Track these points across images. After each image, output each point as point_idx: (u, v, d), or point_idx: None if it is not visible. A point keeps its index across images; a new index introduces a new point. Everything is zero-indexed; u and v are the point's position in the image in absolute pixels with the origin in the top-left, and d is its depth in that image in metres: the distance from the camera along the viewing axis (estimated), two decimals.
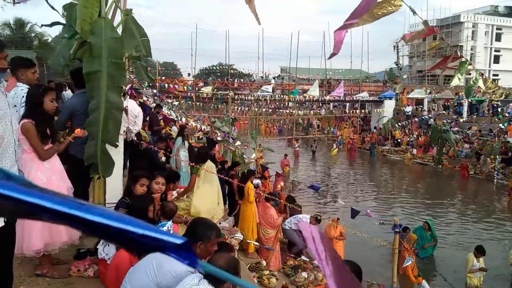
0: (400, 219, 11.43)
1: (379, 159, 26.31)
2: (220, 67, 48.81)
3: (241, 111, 34.81)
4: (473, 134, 23.95)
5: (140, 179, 4.03)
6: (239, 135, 20.59)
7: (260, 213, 7.64)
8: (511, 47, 53.82)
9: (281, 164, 20.70)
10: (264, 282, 6.33)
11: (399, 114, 32.18)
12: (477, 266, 7.91)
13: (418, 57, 54.38)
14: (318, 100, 30.17)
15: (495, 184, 17.60)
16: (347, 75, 42.40)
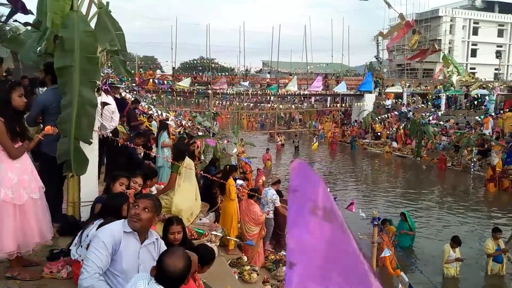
0: (380, 211, 11.60)
1: (360, 152, 26.62)
2: (201, 61, 48.39)
3: (223, 106, 34.72)
4: (450, 127, 24.45)
5: (120, 178, 3.95)
6: (220, 130, 20.52)
7: (243, 210, 7.60)
8: (488, 41, 55.10)
9: (263, 158, 20.72)
10: (245, 277, 6.32)
11: (379, 107, 32.59)
12: (453, 257, 8.08)
13: (397, 51, 55.05)
14: (298, 95, 30.22)
15: (472, 176, 18.03)
16: (328, 69, 42.61)
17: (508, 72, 55.96)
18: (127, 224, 2.75)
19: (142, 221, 2.72)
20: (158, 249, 2.89)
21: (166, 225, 3.92)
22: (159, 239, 3.01)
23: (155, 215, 2.83)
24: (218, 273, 5.99)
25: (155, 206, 2.81)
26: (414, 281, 5.57)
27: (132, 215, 2.74)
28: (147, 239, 2.83)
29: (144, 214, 2.72)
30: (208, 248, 3.85)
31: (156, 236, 2.98)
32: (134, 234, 2.74)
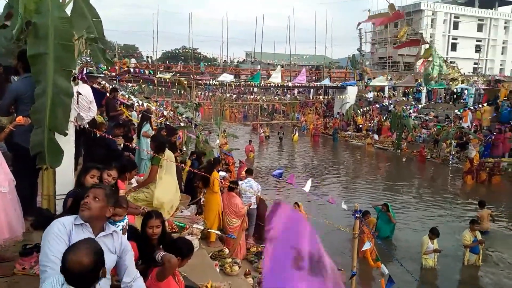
0: (361, 202, 11.72)
1: (342, 144, 26.85)
2: (184, 50, 47.76)
3: (205, 96, 34.36)
4: (430, 120, 24.86)
5: (91, 170, 3.81)
6: (203, 121, 20.34)
7: (225, 202, 7.54)
8: (468, 35, 56.10)
9: (246, 150, 20.67)
10: (226, 270, 6.28)
11: (361, 100, 32.87)
12: (432, 248, 8.22)
13: (380, 44, 55.51)
14: (281, 86, 30.18)
15: (450, 168, 18.40)
16: (311, 60, 42.65)
17: (487, 67, 57.14)
18: (79, 217, 2.63)
19: (91, 210, 2.59)
20: (119, 242, 2.78)
21: (145, 219, 3.82)
22: (119, 232, 2.88)
23: (107, 205, 2.68)
24: (199, 266, 5.93)
25: (106, 196, 2.67)
26: (394, 273, 5.63)
27: (82, 205, 2.62)
28: (104, 231, 2.70)
29: (93, 203, 2.60)
30: (186, 241, 3.77)
31: (115, 228, 2.84)
32: (86, 226, 2.59)
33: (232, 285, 5.55)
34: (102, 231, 2.69)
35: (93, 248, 2.13)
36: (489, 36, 57.66)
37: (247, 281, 6.17)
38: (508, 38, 59.05)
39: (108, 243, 2.71)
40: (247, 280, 6.22)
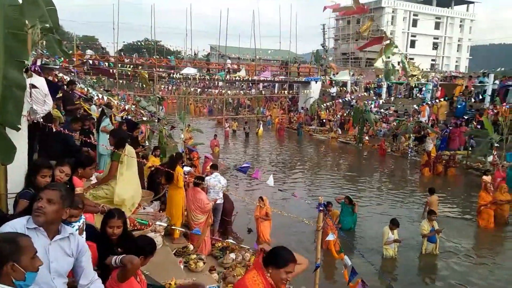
0: (325, 195, 11.92)
1: (306, 138, 27.21)
2: (146, 43, 46.61)
3: (169, 90, 33.70)
4: (390, 115, 25.63)
5: (41, 170, 3.61)
6: (166, 115, 19.94)
7: (190, 198, 7.43)
8: (426, 33, 58.29)
9: (211, 144, 20.51)
10: (191, 266, 6.20)
11: (324, 95, 33.40)
12: (392, 238, 8.49)
13: (342, 40, 56.58)
14: (246, 80, 30.12)
15: (409, 161, 19.09)
16: (276, 55, 42.83)
17: (443, 63, 59.63)
18: (31, 220, 2.45)
19: (46, 215, 2.43)
20: (76, 244, 2.65)
21: (106, 218, 3.68)
22: (76, 234, 2.75)
23: (63, 208, 2.53)
24: (163, 264, 5.83)
25: (61, 198, 2.51)
26: (356, 263, 5.77)
27: (35, 209, 2.44)
28: (59, 234, 2.56)
29: (48, 207, 2.43)
30: (148, 239, 3.67)
31: (72, 230, 2.71)
32: (39, 230, 2.44)
33: (196, 281, 5.49)
34: (57, 233, 2.55)
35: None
36: (445, 34, 60.14)
37: (212, 276, 6.13)
38: (463, 36, 61.87)
39: (65, 246, 2.58)
40: (212, 275, 6.18)
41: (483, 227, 10.41)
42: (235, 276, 6.23)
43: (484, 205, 10.48)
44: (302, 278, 5.73)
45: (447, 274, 8.00)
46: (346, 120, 27.97)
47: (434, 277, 7.96)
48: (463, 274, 7.99)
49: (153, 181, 8.55)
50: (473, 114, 20.65)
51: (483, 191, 10.71)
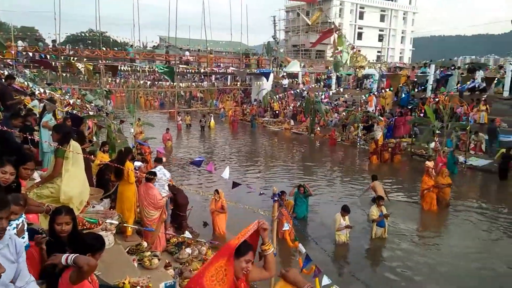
0: (279, 185, 12.07)
1: (260, 130, 27.42)
2: (91, 34, 44.51)
3: (117, 83, 32.44)
4: (340, 105, 26.40)
5: None
6: (115, 109, 19.23)
7: (142, 194, 7.21)
8: (371, 25, 60.42)
9: (163, 138, 20.10)
10: (145, 264, 6.05)
11: (277, 86, 33.72)
12: (344, 224, 8.79)
13: (293, 32, 57.28)
14: (198, 72, 29.70)
15: (358, 149, 19.80)
16: (227, 47, 42.57)
17: (389, 55, 62.18)
18: None
19: None
20: (14, 246, 2.49)
21: (53, 215, 3.48)
22: (13, 237, 2.58)
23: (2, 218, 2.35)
24: (116, 263, 5.65)
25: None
26: (310, 251, 5.92)
27: None
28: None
29: None
30: (94, 235, 3.52)
31: (9, 235, 2.54)
32: None
33: (152, 278, 5.37)
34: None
35: None
36: (390, 26, 62.66)
37: (168, 273, 6.02)
38: (406, 28, 64.80)
39: (7, 253, 2.42)
40: (168, 272, 6.07)
41: (427, 210, 11.04)
42: (191, 271, 6.17)
43: (427, 189, 11.11)
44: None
45: (395, 255, 8.41)
46: (298, 111, 28.45)
47: (384, 259, 8.34)
48: (410, 254, 8.45)
49: (102, 178, 8.23)
50: (416, 103, 21.75)
51: (426, 176, 11.33)
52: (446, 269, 7.79)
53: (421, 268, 7.80)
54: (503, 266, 8.00)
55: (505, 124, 17.94)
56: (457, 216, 10.80)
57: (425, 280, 7.37)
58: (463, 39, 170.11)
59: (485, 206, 11.66)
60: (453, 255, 8.45)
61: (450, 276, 7.53)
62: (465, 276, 7.55)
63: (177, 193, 8.60)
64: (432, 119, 16.13)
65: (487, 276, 7.58)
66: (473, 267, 7.91)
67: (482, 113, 18.34)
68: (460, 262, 8.11)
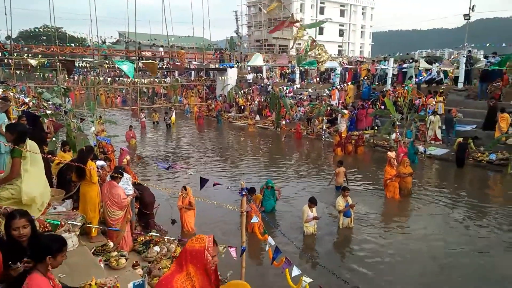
0: (247, 180, 12.08)
1: (226, 125, 27.31)
2: (45, 29, 42.57)
3: (75, 80, 31.23)
4: (304, 99, 26.74)
5: None
6: (74, 107, 18.51)
7: (105, 193, 6.98)
8: (332, 20, 61.46)
9: (126, 136, 19.62)
10: (112, 264, 5.89)
11: (241, 81, 33.69)
12: (311, 216, 8.91)
13: (255, 27, 57.32)
14: (160, 68, 29.12)
15: (323, 142, 20.15)
16: (189, 42, 42.00)
17: (349, 49, 63.56)
18: None
19: None
20: None
21: (8, 220, 3.30)
22: None
23: None
24: (81, 264, 5.49)
25: None
26: (280, 243, 5.97)
27: None
28: None
29: None
30: (54, 236, 3.37)
31: None
32: None
33: (120, 278, 5.24)
34: None
35: None
36: (350, 21, 64.03)
37: (136, 272, 5.89)
38: (365, 23, 66.43)
39: None
40: (136, 271, 5.94)
41: (390, 199, 11.42)
42: (160, 269, 6.07)
43: (390, 178, 11.48)
44: (229, 263, 5.77)
45: (362, 244, 8.63)
46: (263, 106, 28.55)
47: (351, 248, 8.54)
48: (376, 242, 8.70)
49: (63, 179, 7.92)
50: (377, 96, 22.39)
51: (388, 166, 11.70)
52: (410, 254, 8.10)
53: (387, 255, 8.06)
54: (461, 245, 8.46)
55: (461, 114, 18.84)
56: (419, 203, 11.24)
57: (391, 266, 7.62)
58: (420, 33, 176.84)
59: (445, 192, 12.21)
60: (417, 239, 8.80)
61: (414, 260, 7.83)
62: (429, 259, 7.88)
63: (143, 191, 8.42)
64: (393, 111, 16.65)
65: (449, 257, 7.97)
66: (436, 250, 8.27)
67: (440, 104, 19.14)
68: (423, 246, 8.45)
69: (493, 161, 14.92)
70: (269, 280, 6.87)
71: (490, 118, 17.04)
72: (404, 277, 7.21)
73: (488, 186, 13.65)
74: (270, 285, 6.75)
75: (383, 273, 7.37)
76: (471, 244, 8.61)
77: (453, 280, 7.14)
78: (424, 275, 7.29)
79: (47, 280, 2.93)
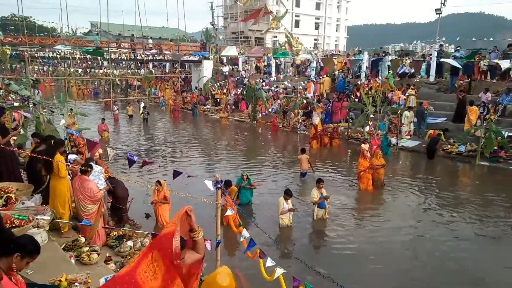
0: (223, 173, 12.04)
1: (202, 118, 27.08)
2: (13, 18, 40.94)
3: (45, 72, 30.20)
4: (280, 92, 26.79)
5: None
6: (43, 99, 17.92)
7: (76, 187, 6.81)
8: (308, 13, 61.72)
9: (99, 129, 19.19)
10: (84, 259, 5.78)
11: (217, 74, 33.42)
12: (287, 208, 8.99)
13: (231, 19, 56.88)
14: (134, 59, 28.54)
15: (299, 135, 20.28)
16: (163, 33, 41.28)
17: (325, 42, 64.01)
18: None
19: None
20: None
21: None
22: None
23: None
24: (51, 260, 5.35)
25: None
26: (255, 235, 5.98)
27: None
28: None
29: None
30: (34, 240, 3.25)
31: None
32: None
33: (91, 273, 5.15)
34: None
35: None
36: (325, 14, 64.39)
37: (109, 267, 5.80)
38: (340, 16, 66.99)
39: None
40: (109, 266, 5.85)
41: (364, 190, 11.63)
42: None
43: (363, 170, 11.68)
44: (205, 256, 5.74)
45: (336, 234, 8.78)
46: (240, 98, 28.45)
47: (325, 239, 8.67)
48: (350, 232, 8.86)
49: (33, 172, 7.67)
50: (351, 89, 22.66)
51: (362, 158, 11.90)
52: (384, 244, 8.28)
53: (361, 245, 8.22)
54: (433, 233, 8.75)
55: (432, 107, 19.32)
56: (392, 194, 11.50)
57: (365, 256, 7.77)
58: (394, 27, 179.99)
59: (417, 183, 12.54)
60: (390, 229, 9.01)
61: (388, 250, 8.02)
62: (402, 247, 8.09)
63: (116, 185, 8.27)
64: (367, 104, 16.90)
65: (422, 245, 8.24)
66: (409, 239, 8.51)
67: (411, 97, 19.55)
68: (396, 235, 8.68)
69: (462, 152, 15.42)
70: (244, 273, 6.89)
71: (460, 111, 17.56)
72: (378, 267, 7.37)
73: (458, 177, 14.11)
74: (245, 278, 6.77)
75: (357, 263, 7.52)
76: (442, 231, 8.90)
77: (427, 267, 7.37)
78: (397, 263, 7.49)
79: (6, 277, 2.83)
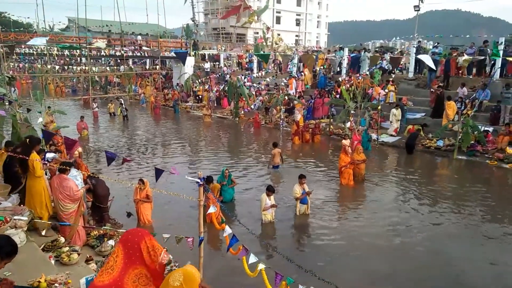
0: (205, 170, 12.00)
1: (183, 115, 26.88)
2: None
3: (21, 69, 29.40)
4: (262, 89, 26.81)
5: None
6: (20, 97, 17.47)
7: (55, 187, 6.68)
8: (289, 10, 61.88)
9: (78, 127, 18.85)
10: (64, 260, 5.68)
11: (199, 70, 33.20)
12: (269, 204, 9.02)
13: (212, 15, 56.53)
14: (113, 56, 28.07)
15: (281, 131, 20.35)
16: (143, 29, 40.73)
17: (306, 39, 64.29)
18: None
19: None
20: None
21: None
22: None
23: None
24: (29, 261, 5.26)
25: None
26: (238, 231, 5.99)
27: None
28: None
29: None
30: (11, 241, 3.19)
31: None
32: None
33: (72, 274, 5.07)
34: None
35: None
36: (306, 11, 64.68)
37: (90, 267, 5.72)
38: (321, 13, 67.39)
39: None
40: (89, 266, 5.77)
41: (345, 185, 11.77)
42: None
43: (344, 166, 11.82)
44: (187, 253, 5.73)
45: (318, 230, 8.87)
46: (222, 95, 28.34)
47: (308, 234, 8.75)
48: (332, 227, 8.97)
49: (10, 173, 7.48)
50: (333, 85, 22.87)
51: (343, 154, 12.04)
52: (365, 238, 8.41)
53: (344, 240, 8.33)
54: (412, 225, 8.98)
55: (411, 102, 19.67)
56: (372, 188, 11.68)
57: (347, 251, 7.88)
58: (374, 23, 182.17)
59: (397, 177, 12.79)
60: (371, 223, 9.16)
61: (369, 244, 8.15)
62: (383, 242, 8.23)
63: (96, 183, 8.14)
64: (348, 100, 17.08)
65: (403, 238, 8.42)
66: (389, 233, 8.67)
67: (391, 93, 19.86)
68: (377, 229, 8.83)
69: (441, 147, 15.77)
70: (227, 270, 6.91)
71: (438, 106, 17.93)
72: (360, 262, 7.48)
73: (436, 171, 14.42)
74: (228, 274, 6.79)
75: (339, 257, 7.62)
76: (422, 224, 9.13)
77: (407, 259, 7.54)
78: (379, 258, 7.61)
79: None
